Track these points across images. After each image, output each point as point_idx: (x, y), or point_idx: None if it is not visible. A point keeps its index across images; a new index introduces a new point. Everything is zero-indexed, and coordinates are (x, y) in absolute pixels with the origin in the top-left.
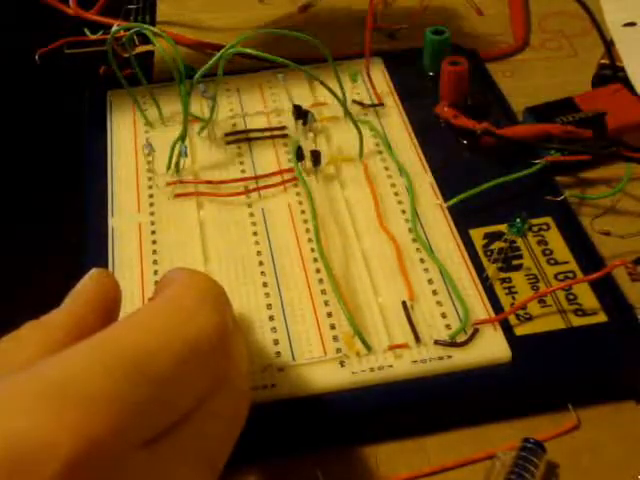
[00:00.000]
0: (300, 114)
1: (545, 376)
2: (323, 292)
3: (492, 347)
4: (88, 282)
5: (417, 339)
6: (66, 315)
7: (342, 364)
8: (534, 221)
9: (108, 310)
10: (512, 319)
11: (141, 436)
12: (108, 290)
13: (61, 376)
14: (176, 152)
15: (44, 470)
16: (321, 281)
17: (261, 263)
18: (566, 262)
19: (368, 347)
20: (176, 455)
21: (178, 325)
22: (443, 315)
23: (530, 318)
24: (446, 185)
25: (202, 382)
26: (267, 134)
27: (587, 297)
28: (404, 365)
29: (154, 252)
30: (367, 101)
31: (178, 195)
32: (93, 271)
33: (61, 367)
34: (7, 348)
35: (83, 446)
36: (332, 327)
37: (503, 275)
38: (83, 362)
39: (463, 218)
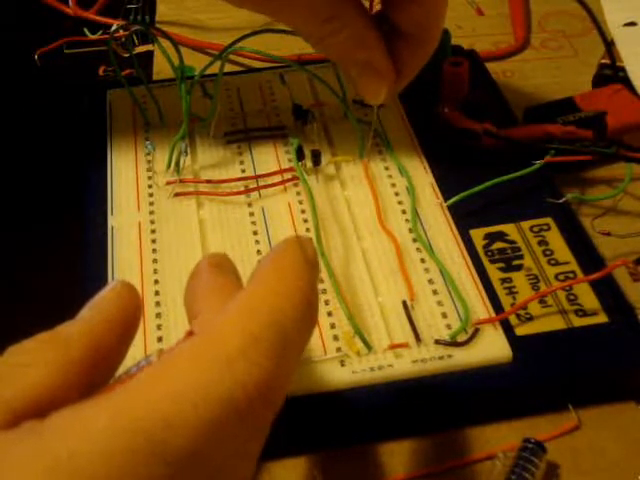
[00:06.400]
0: (300, 114)
1: (545, 376)
2: (323, 292)
3: (493, 347)
4: (110, 295)
5: (417, 339)
6: (84, 332)
7: (342, 363)
8: (535, 222)
9: (127, 331)
10: (513, 319)
11: None
12: (130, 308)
13: (67, 452)
14: (176, 151)
15: None
16: (321, 281)
17: None
18: (567, 262)
19: (368, 347)
20: None
21: (208, 382)
22: (443, 315)
23: (531, 318)
24: (446, 185)
25: (236, 448)
26: (267, 134)
27: (588, 297)
28: (404, 365)
29: (154, 251)
30: None
31: (178, 194)
32: (116, 283)
33: (68, 441)
34: (12, 364)
35: None
36: (332, 326)
37: (503, 275)
38: (91, 436)
39: (463, 218)
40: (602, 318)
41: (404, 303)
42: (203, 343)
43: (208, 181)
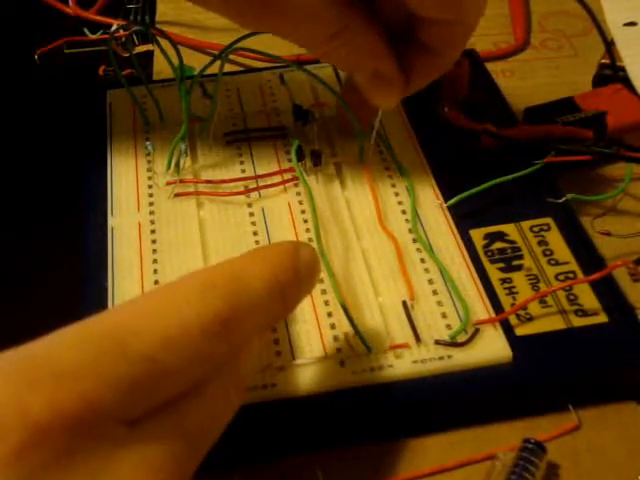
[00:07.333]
0: (300, 114)
1: (545, 376)
2: (323, 292)
3: (492, 347)
4: None
5: (417, 339)
6: None
7: (342, 364)
8: (535, 222)
9: None
10: (512, 319)
11: (121, 414)
12: None
13: (41, 352)
14: (176, 152)
15: (11, 435)
16: (321, 281)
17: None
18: (567, 262)
19: (368, 347)
20: (157, 437)
21: (169, 308)
22: (443, 315)
23: (531, 318)
24: (446, 185)
25: (192, 367)
26: (267, 134)
27: (588, 297)
28: (404, 365)
29: (154, 251)
30: None
31: (178, 194)
32: None
33: (42, 344)
34: None
35: (53, 417)
36: (332, 327)
37: (503, 275)
38: (63, 339)
39: (463, 218)
40: (602, 318)
41: (404, 303)
42: (175, 282)
43: (208, 181)
